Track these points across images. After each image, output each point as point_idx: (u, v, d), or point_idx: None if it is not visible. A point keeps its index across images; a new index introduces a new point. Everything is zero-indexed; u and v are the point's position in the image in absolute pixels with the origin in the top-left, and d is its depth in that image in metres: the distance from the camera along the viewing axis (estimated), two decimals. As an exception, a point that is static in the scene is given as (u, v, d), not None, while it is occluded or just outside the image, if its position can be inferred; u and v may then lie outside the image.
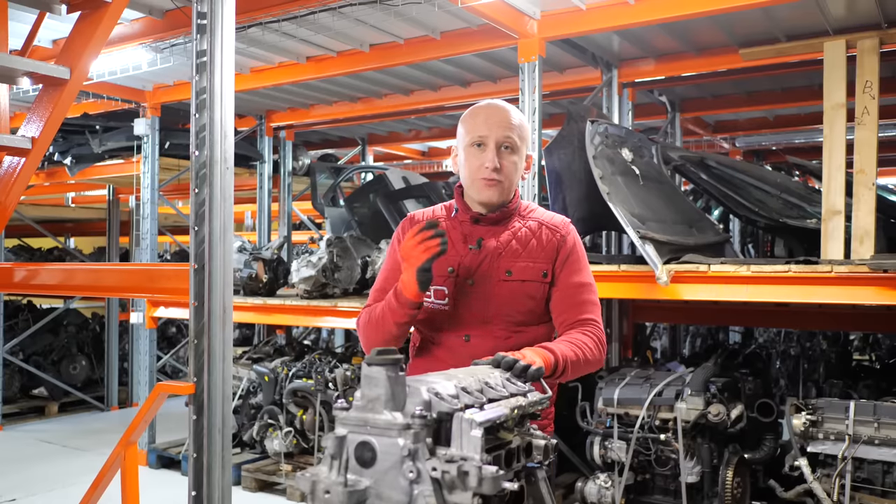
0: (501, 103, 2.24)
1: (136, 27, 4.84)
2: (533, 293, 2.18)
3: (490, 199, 2.19)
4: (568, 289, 2.20)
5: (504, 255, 2.18)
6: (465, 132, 2.22)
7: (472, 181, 2.19)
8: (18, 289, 5.65)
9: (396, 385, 1.45)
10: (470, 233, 2.22)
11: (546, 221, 2.26)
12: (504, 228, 2.23)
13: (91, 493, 2.91)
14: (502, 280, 2.17)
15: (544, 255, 2.20)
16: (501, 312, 2.16)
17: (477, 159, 2.17)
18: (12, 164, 3.11)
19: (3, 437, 7.65)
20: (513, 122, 2.19)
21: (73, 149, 7.05)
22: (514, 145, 2.19)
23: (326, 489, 1.41)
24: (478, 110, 2.23)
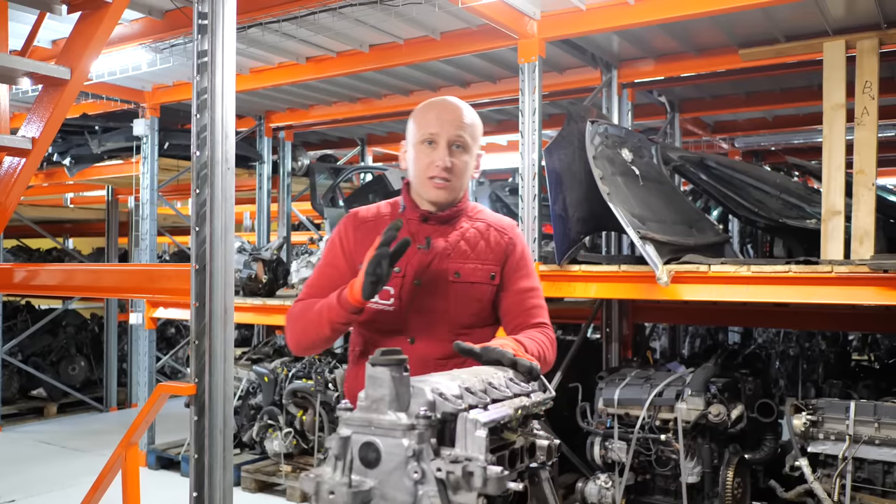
0: (454, 100, 2.20)
1: (136, 27, 4.84)
2: (480, 296, 2.17)
3: (439, 199, 2.16)
4: (518, 294, 2.21)
5: (452, 255, 2.15)
6: (415, 129, 2.17)
7: (422, 180, 2.15)
8: (19, 289, 5.66)
9: (401, 385, 1.45)
10: (417, 231, 2.17)
11: (494, 223, 2.25)
12: (452, 228, 2.19)
13: (92, 493, 2.91)
14: (450, 281, 2.14)
15: (493, 257, 2.19)
16: (448, 314, 2.13)
17: (427, 157, 2.13)
18: (12, 164, 3.10)
19: (2, 439, 7.64)
20: (465, 121, 2.15)
21: (72, 149, 7.04)
22: (465, 144, 2.15)
23: (331, 490, 1.41)
24: (430, 107, 2.19)
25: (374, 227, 2.19)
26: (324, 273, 2.23)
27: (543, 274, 4.40)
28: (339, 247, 2.22)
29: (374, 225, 2.20)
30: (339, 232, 2.25)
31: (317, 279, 2.24)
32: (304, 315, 2.14)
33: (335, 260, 2.22)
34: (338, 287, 2.10)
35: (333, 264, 2.22)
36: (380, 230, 2.10)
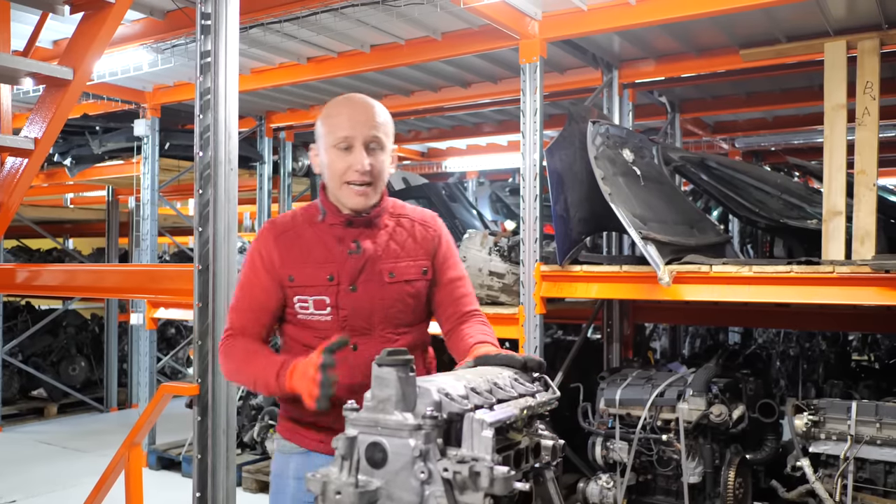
0: (363, 98, 2.11)
1: (137, 28, 4.84)
2: (416, 292, 2.14)
3: (358, 206, 2.08)
4: (449, 284, 2.20)
5: (384, 256, 2.10)
6: (326, 132, 2.07)
7: (340, 186, 2.06)
8: (21, 290, 5.66)
9: (407, 386, 1.45)
10: (343, 236, 2.09)
11: (417, 218, 2.21)
12: (378, 229, 2.13)
13: (95, 493, 2.91)
14: (386, 283, 2.09)
15: (423, 252, 2.16)
16: (388, 316, 2.09)
17: (343, 162, 2.05)
18: (15, 164, 3.10)
19: (3, 439, 7.64)
20: (378, 120, 2.07)
21: (73, 149, 7.04)
22: (381, 143, 2.08)
23: (337, 490, 1.41)
24: (339, 108, 2.10)
25: (295, 236, 2.11)
26: (250, 294, 2.11)
27: (545, 274, 4.41)
28: (260, 264, 2.10)
29: (294, 234, 2.11)
30: (258, 247, 2.12)
31: (244, 302, 2.11)
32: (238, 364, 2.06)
33: (257, 279, 2.10)
34: (266, 307, 2.07)
35: (257, 283, 2.10)
36: (303, 238, 2.09)
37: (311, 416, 2.06)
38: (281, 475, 2.18)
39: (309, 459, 2.12)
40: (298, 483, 2.11)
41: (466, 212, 7.39)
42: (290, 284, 2.07)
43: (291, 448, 2.15)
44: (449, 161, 10.15)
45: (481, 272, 4.81)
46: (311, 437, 2.12)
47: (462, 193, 7.82)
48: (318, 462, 2.07)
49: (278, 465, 2.20)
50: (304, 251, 2.09)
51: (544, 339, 4.58)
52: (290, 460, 2.15)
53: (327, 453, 2.05)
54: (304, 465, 2.11)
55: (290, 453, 2.16)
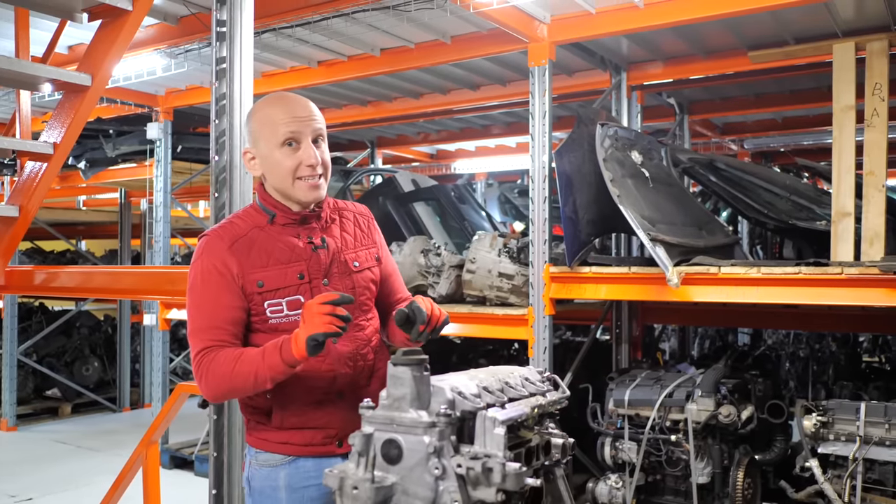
0: (295, 95, 2.12)
1: (151, 33, 4.90)
2: (375, 277, 2.22)
3: (315, 199, 2.09)
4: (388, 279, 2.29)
5: (344, 248, 2.16)
6: (269, 133, 2.04)
7: (292, 182, 2.05)
8: (39, 291, 5.73)
9: (422, 384, 1.50)
10: (300, 233, 2.10)
11: (354, 210, 2.29)
12: (327, 223, 2.17)
13: (113, 491, 2.97)
14: (353, 272, 2.15)
15: (370, 240, 2.25)
16: (358, 303, 2.12)
17: (293, 159, 2.04)
18: (34, 169, 3.17)
19: (18, 438, 7.73)
20: (317, 114, 2.10)
21: (87, 153, 7.12)
22: (324, 136, 2.11)
23: (354, 485, 1.46)
24: (273, 106, 2.07)
25: (248, 242, 2.06)
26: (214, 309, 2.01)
27: (554, 275, 4.44)
28: (217, 277, 2.01)
29: (247, 241, 2.06)
30: (210, 261, 2.02)
31: (208, 319, 2.00)
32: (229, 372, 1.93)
33: (218, 293, 2.00)
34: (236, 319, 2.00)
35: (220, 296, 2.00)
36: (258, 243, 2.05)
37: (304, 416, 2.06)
38: (270, 489, 2.08)
39: (297, 467, 2.07)
40: (291, 493, 2.06)
41: (475, 213, 7.43)
42: (258, 290, 2.02)
43: (277, 460, 2.08)
44: (458, 162, 10.20)
45: (491, 273, 4.85)
46: (299, 441, 2.07)
47: (471, 195, 7.86)
48: (307, 466, 2.06)
49: (265, 480, 2.09)
50: (264, 255, 2.05)
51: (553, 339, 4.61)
52: (278, 472, 2.08)
53: (316, 455, 2.07)
54: (294, 474, 2.07)
55: (276, 465, 2.08)
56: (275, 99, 2.11)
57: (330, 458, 2.08)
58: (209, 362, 1.96)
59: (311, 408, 2.06)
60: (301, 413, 2.06)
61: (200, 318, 2.01)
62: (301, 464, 2.07)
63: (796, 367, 6.79)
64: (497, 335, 4.95)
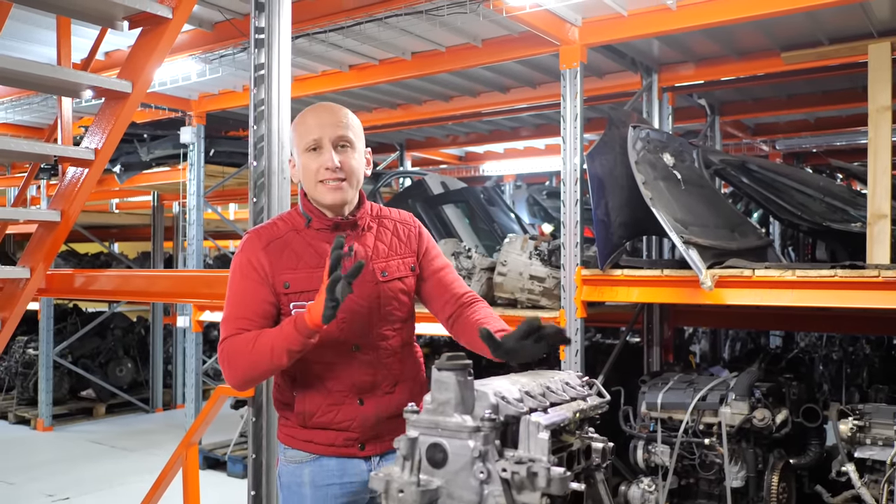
0: (329, 104, 2.21)
1: (186, 38, 4.98)
2: (407, 288, 2.23)
3: (334, 202, 2.14)
4: (437, 272, 2.28)
5: (374, 257, 2.18)
6: (298, 139, 2.16)
7: (315, 186, 2.14)
8: (78, 294, 5.83)
9: (466, 389, 1.52)
10: (330, 240, 2.12)
11: (397, 219, 2.31)
12: (363, 231, 2.21)
13: (154, 491, 3.02)
14: (379, 281, 2.16)
15: (409, 250, 2.25)
16: (383, 313, 2.16)
17: (315, 162, 2.12)
18: (76, 174, 3.22)
19: (55, 438, 7.87)
20: (344, 121, 2.16)
21: (121, 157, 7.24)
22: (350, 142, 2.15)
23: (400, 488, 1.48)
24: (307, 115, 2.19)
25: (283, 244, 2.15)
26: (243, 301, 2.10)
27: (585, 278, 4.44)
28: (251, 272, 2.11)
29: (282, 242, 2.15)
30: (245, 257, 2.13)
31: (238, 309, 2.10)
32: (248, 350, 2.01)
33: (251, 287, 2.10)
34: (265, 313, 2.08)
35: (251, 291, 2.10)
36: (291, 246, 2.14)
37: (325, 417, 2.12)
38: (296, 484, 2.17)
39: (321, 465, 2.15)
40: (315, 490, 2.14)
41: (504, 215, 7.43)
42: (285, 291, 2.10)
43: (302, 457, 2.17)
44: (486, 165, 10.21)
45: (522, 276, 4.85)
46: (322, 441, 2.14)
47: (500, 197, 7.87)
48: (331, 465, 2.14)
49: (291, 475, 2.19)
50: (295, 257, 2.13)
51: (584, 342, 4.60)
52: (302, 469, 2.16)
53: (338, 456, 2.14)
54: (318, 472, 2.14)
55: (301, 462, 2.17)
56: (310, 108, 2.20)
57: (353, 459, 2.14)
58: (229, 345, 2.05)
59: (331, 409, 2.12)
60: (322, 413, 2.13)
61: (232, 307, 2.12)
62: (325, 462, 2.14)
63: (830, 369, 6.71)
64: (528, 338, 4.94)
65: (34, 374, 8.58)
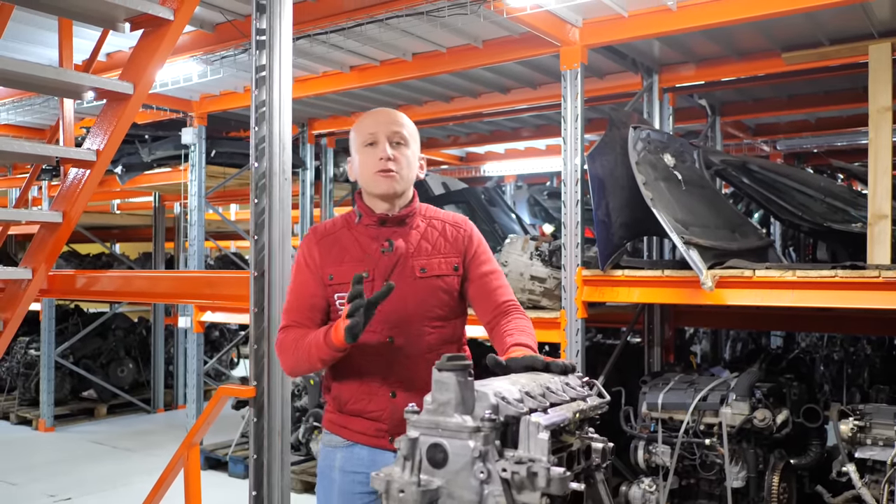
0: (388, 108, 2.36)
1: (187, 40, 4.99)
2: (447, 287, 2.26)
3: (387, 190, 2.23)
4: (482, 278, 2.31)
5: (415, 254, 2.25)
6: (356, 136, 2.30)
7: (369, 177, 2.25)
8: (80, 295, 5.85)
9: (466, 389, 1.52)
10: (377, 236, 2.26)
11: (448, 220, 2.35)
12: (410, 228, 2.28)
13: (155, 492, 3.03)
14: (418, 277, 2.23)
15: (454, 250, 2.29)
16: (421, 309, 2.22)
17: (371, 156, 2.25)
18: (77, 175, 3.23)
19: (56, 438, 7.88)
20: (400, 120, 2.29)
21: (123, 158, 7.25)
22: (404, 139, 2.27)
23: (401, 488, 1.48)
24: (366, 115, 2.35)
25: (334, 240, 2.29)
26: (299, 294, 2.28)
27: (586, 279, 4.45)
28: (304, 266, 2.28)
29: (334, 238, 2.29)
30: (302, 252, 2.31)
31: (295, 303, 2.29)
32: (294, 348, 2.20)
33: (304, 280, 2.27)
34: (315, 306, 2.23)
35: (304, 284, 2.27)
36: (341, 241, 2.27)
37: (357, 404, 2.22)
38: (328, 468, 2.30)
39: (353, 452, 2.25)
40: (344, 475, 2.25)
41: (505, 216, 7.44)
42: (329, 283, 2.23)
43: (337, 441, 2.28)
44: (487, 165, 10.21)
45: (522, 277, 4.86)
46: (354, 428, 2.24)
47: (501, 198, 7.87)
48: (362, 454, 2.23)
49: (325, 459, 2.32)
50: (342, 251, 2.25)
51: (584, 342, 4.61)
52: (335, 453, 2.28)
53: (370, 445, 2.22)
54: (349, 458, 2.25)
55: (335, 447, 2.29)
56: (367, 112, 2.37)
57: (383, 450, 2.21)
58: (281, 342, 2.24)
59: (363, 397, 2.21)
60: (355, 401, 2.23)
61: (289, 300, 2.31)
62: (356, 450, 2.24)
63: (830, 370, 6.71)
64: (529, 338, 4.95)
65: (36, 375, 8.58)
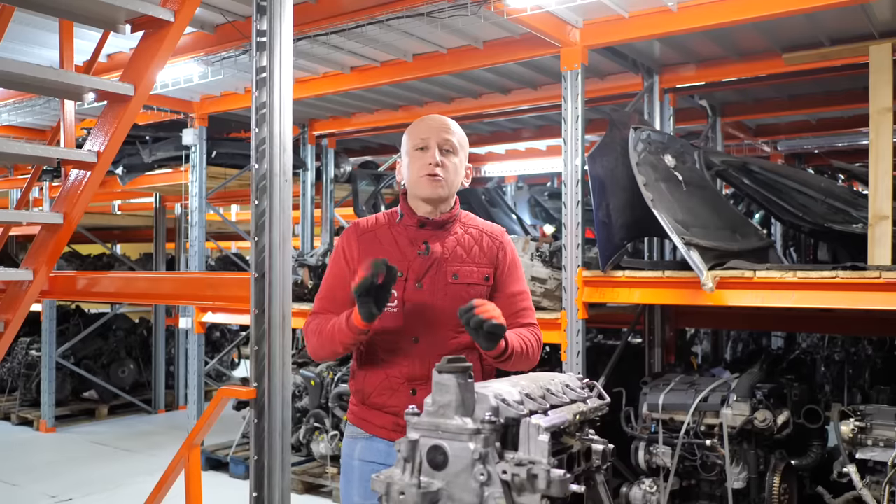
0: (441, 116, 2.43)
1: (188, 41, 4.99)
2: (477, 295, 2.30)
3: (433, 195, 2.31)
4: (510, 297, 2.38)
5: (450, 259, 2.32)
6: (408, 140, 2.38)
7: (417, 180, 2.32)
8: (81, 296, 5.86)
9: (466, 391, 1.52)
10: (415, 237, 2.33)
11: (486, 230, 2.43)
12: (448, 234, 2.36)
13: (156, 493, 3.03)
14: (449, 283, 2.30)
15: (487, 260, 2.37)
16: (447, 314, 2.26)
17: (420, 160, 2.32)
18: (78, 176, 3.23)
19: (57, 439, 7.88)
20: (451, 128, 2.37)
21: (124, 159, 7.25)
22: (454, 147, 2.35)
23: (401, 490, 1.49)
24: (420, 121, 2.42)
25: (374, 236, 2.37)
26: (332, 284, 2.39)
27: (587, 279, 4.45)
28: (343, 258, 2.38)
29: (373, 235, 2.37)
30: (342, 243, 2.40)
31: (327, 291, 2.40)
32: (320, 332, 2.31)
33: (341, 271, 2.37)
34: (345, 297, 2.29)
35: (340, 275, 2.36)
36: (380, 238, 2.35)
37: (380, 398, 2.30)
38: (349, 457, 2.39)
39: (372, 444, 2.34)
40: (362, 465, 2.34)
41: (506, 216, 7.45)
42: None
43: (358, 433, 2.37)
44: (488, 166, 10.21)
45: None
46: (375, 422, 2.32)
47: (501, 198, 7.88)
48: (380, 447, 2.32)
49: (347, 449, 2.42)
50: (380, 249, 2.32)
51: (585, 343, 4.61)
52: (356, 444, 2.38)
53: (388, 439, 2.29)
54: (367, 449, 2.35)
55: (356, 437, 2.38)
56: (421, 117, 2.45)
57: None
58: (307, 325, 2.37)
59: (385, 392, 2.29)
60: (377, 394, 2.30)
61: (323, 288, 2.42)
62: (376, 443, 2.33)
63: (831, 370, 6.69)
64: (530, 339, 4.95)
65: (37, 376, 8.58)
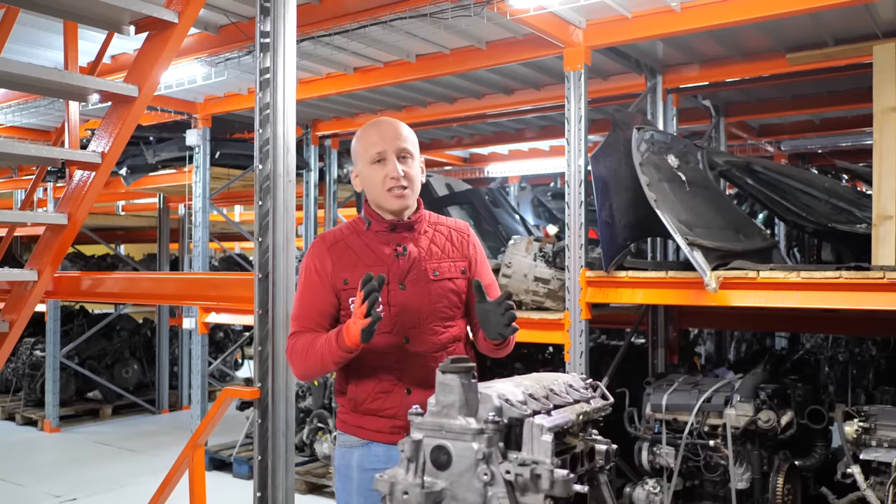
0: (389, 119, 2.43)
1: (192, 42, 5.00)
2: (457, 289, 2.39)
3: (401, 207, 2.34)
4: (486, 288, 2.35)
5: (427, 257, 2.37)
6: (362, 152, 2.37)
7: (381, 194, 2.34)
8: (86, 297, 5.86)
9: (470, 392, 1.53)
10: (388, 241, 2.36)
11: (452, 226, 2.49)
12: (418, 234, 2.40)
13: (160, 493, 3.04)
14: (431, 280, 2.34)
15: (460, 254, 2.43)
16: (434, 310, 2.32)
17: (381, 173, 2.33)
18: (83, 177, 3.24)
19: (61, 439, 7.90)
20: (404, 133, 2.38)
21: (128, 160, 7.26)
22: (409, 153, 2.37)
23: (405, 490, 1.49)
24: (369, 130, 2.40)
25: (345, 246, 2.36)
26: (307, 302, 2.35)
27: (590, 280, 4.45)
28: (314, 273, 2.34)
29: (345, 244, 2.36)
30: (311, 260, 2.37)
31: (303, 310, 2.36)
32: (305, 353, 2.27)
33: (314, 287, 2.34)
34: (324, 313, 2.31)
35: (314, 291, 2.34)
36: (352, 247, 2.34)
37: (374, 403, 2.29)
38: (346, 467, 2.36)
39: (370, 450, 2.31)
40: (362, 473, 2.30)
41: (509, 217, 7.43)
42: (344, 288, 2.30)
43: (353, 441, 2.35)
44: (491, 166, 10.21)
45: (526, 278, 4.86)
46: (371, 427, 2.30)
47: (505, 199, 7.86)
48: (379, 451, 2.30)
49: (342, 459, 2.38)
50: (355, 257, 2.33)
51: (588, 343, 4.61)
52: (352, 453, 2.34)
53: (386, 442, 2.28)
54: (366, 455, 2.31)
55: (351, 446, 2.35)
56: (370, 123, 2.43)
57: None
58: (291, 347, 2.32)
59: (379, 396, 2.28)
60: (371, 400, 2.30)
61: (297, 307, 2.38)
62: (373, 448, 2.31)
63: (835, 371, 6.67)
64: (533, 339, 4.96)
65: (41, 376, 8.61)
